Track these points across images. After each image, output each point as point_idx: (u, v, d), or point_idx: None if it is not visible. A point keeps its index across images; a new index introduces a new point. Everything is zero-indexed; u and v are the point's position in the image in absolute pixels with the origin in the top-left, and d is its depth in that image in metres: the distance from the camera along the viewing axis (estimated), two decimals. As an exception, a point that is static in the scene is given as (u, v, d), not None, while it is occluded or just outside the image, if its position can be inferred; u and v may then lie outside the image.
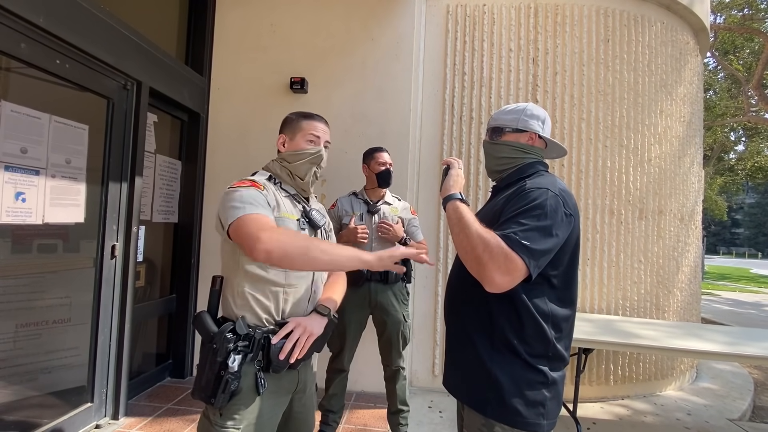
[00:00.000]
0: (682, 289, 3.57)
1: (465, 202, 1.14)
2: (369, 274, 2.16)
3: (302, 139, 1.26)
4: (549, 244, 1.00)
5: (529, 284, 1.03)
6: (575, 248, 1.11)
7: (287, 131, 1.29)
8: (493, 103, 3.21)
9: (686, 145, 3.66)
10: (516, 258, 0.96)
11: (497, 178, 1.30)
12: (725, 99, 12.71)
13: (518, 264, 0.97)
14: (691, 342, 2.43)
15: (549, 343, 1.06)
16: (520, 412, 1.04)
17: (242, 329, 1.07)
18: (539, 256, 0.99)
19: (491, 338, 1.08)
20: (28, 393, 2.00)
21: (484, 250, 0.99)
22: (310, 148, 1.26)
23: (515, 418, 1.04)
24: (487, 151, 1.30)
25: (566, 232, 1.04)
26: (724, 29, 11.00)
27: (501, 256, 0.97)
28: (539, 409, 1.05)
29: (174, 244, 3.10)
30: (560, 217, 1.03)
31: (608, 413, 2.94)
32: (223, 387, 1.02)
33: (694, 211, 3.80)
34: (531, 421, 1.04)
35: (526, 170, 1.20)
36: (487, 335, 1.09)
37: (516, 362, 1.06)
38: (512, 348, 1.06)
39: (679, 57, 3.57)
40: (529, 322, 1.05)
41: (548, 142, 1.25)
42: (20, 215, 1.86)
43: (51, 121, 1.99)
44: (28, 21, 1.75)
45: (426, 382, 3.16)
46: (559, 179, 1.16)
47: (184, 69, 2.94)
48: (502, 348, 1.07)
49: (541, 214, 1.02)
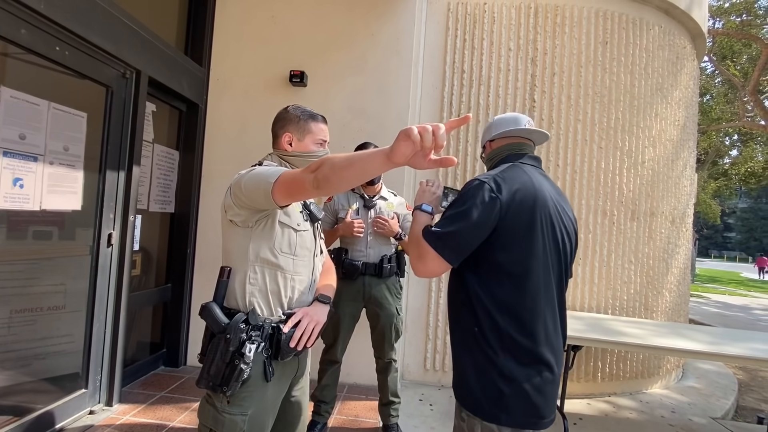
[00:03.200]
0: (671, 290, 3.64)
1: (427, 212, 1.24)
2: (364, 267, 2.19)
3: (311, 142, 1.28)
4: (455, 226, 1.06)
5: (479, 271, 1.09)
6: (532, 235, 1.09)
7: (294, 131, 1.27)
8: (491, 101, 3.24)
9: (680, 149, 3.71)
10: (424, 244, 1.08)
11: None
12: (721, 104, 12.80)
13: (426, 248, 1.08)
14: (675, 341, 2.48)
15: (503, 333, 1.06)
16: (478, 400, 1.08)
17: (255, 320, 1.11)
18: (447, 238, 1.07)
19: (459, 327, 1.15)
20: (23, 378, 2.02)
21: (409, 243, 1.18)
22: (319, 151, 1.29)
23: (474, 406, 1.09)
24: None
25: (486, 214, 1.06)
26: (722, 34, 11.07)
27: (414, 244, 1.13)
28: (497, 401, 1.06)
29: (170, 233, 3.11)
30: (479, 201, 1.07)
31: (594, 409, 3.00)
32: (236, 376, 1.05)
33: (686, 214, 3.86)
34: (488, 411, 1.06)
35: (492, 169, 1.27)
36: (457, 324, 1.16)
37: (476, 351, 1.09)
38: (474, 336, 1.10)
39: (676, 61, 3.61)
40: (481, 312, 1.08)
41: (507, 136, 1.30)
42: (18, 201, 1.86)
43: (50, 108, 2.00)
44: (28, 7, 1.75)
45: (417, 375, 3.21)
46: (515, 169, 1.18)
47: (183, 59, 2.93)
48: (467, 337, 1.12)
49: (459, 202, 1.10)
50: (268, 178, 1.03)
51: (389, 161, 0.79)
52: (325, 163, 0.90)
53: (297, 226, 1.20)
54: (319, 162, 0.92)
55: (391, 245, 2.29)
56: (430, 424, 2.58)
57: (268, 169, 1.08)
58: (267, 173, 1.05)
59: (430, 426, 2.55)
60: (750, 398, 3.85)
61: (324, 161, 0.91)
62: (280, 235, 1.16)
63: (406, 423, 2.51)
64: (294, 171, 1.01)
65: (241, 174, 1.13)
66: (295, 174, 0.99)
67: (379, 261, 2.21)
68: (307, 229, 1.24)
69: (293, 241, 1.19)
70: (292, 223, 1.19)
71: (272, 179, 1.02)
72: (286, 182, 1.00)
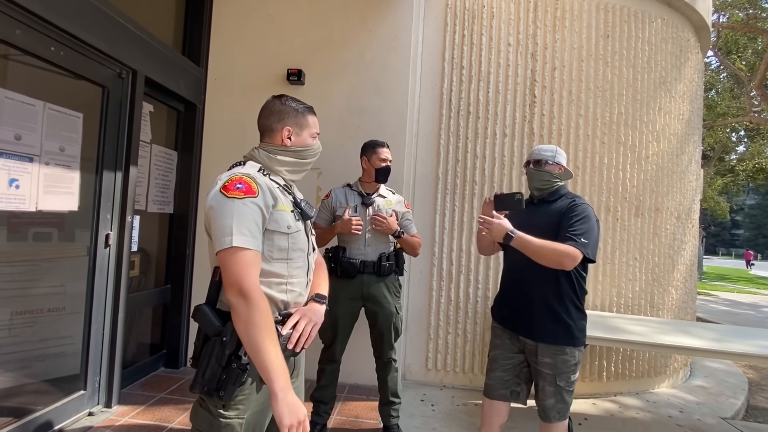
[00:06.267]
0: (678, 288, 3.57)
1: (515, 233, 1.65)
2: (362, 266, 2.17)
3: (308, 135, 1.26)
4: (594, 236, 1.66)
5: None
6: None
7: (293, 124, 1.23)
8: (491, 97, 3.20)
9: (685, 143, 3.65)
10: (574, 251, 1.60)
11: (539, 194, 1.85)
12: (727, 99, 12.66)
13: (576, 253, 1.60)
14: (682, 339, 2.43)
15: (584, 292, 1.78)
16: (578, 338, 1.74)
17: None
18: (594, 246, 1.66)
19: (560, 290, 1.72)
20: (22, 380, 2.01)
21: (547, 252, 1.62)
22: (315, 144, 1.28)
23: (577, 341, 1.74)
24: (533, 175, 1.84)
25: (598, 225, 1.74)
26: (726, 28, 10.94)
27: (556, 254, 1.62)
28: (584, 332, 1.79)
29: (169, 234, 3.10)
30: (594, 216, 1.71)
31: (600, 409, 2.95)
32: (234, 379, 1.03)
33: (692, 210, 3.79)
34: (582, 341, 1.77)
35: (561, 190, 1.83)
36: (558, 288, 1.72)
37: (573, 305, 1.73)
38: (571, 300, 1.73)
39: (680, 54, 3.55)
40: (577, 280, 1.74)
41: (566, 171, 1.86)
42: (13, 202, 1.86)
43: (45, 109, 1.99)
44: (23, 7, 1.74)
45: (419, 375, 3.17)
46: None
47: (180, 59, 2.93)
48: (566, 296, 1.72)
49: (587, 217, 1.68)
50: (221, 239, 1.03)
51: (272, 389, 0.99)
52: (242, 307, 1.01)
53: (287, 229, 1.15)
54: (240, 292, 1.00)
55: (389, 243, 2.26)
56: (431, 424, 2.54)
57: (224, 227, 1.03)
58: (223, 231, 1.03)
59: (432, 427, 2.51)
60: (761, 398, 3.77)
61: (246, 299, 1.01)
62: (269, 242, 1.12)
63: (407, 423, 2.48)
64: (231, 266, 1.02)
65: (219, 195, 1.07)
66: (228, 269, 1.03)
67: (378, 259, 2.18)
68: (299, 230, 1.20)
69: (285, 244, 1.15)
70: (281, 227, 1.14)
71: (221, 245, 1.03)
72: (222, 262, 1.04)
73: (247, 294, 1.00)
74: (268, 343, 1.00)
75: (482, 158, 3.19)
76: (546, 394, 1.74)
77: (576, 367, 1.75)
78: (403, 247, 2.28)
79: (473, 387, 3.09)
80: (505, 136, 3.19)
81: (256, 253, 1.06)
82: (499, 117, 3.20)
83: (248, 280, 1.01)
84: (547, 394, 1.73)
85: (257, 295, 1.02)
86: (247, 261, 1.03)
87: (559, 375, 1.72)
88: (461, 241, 3.17)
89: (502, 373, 1.84)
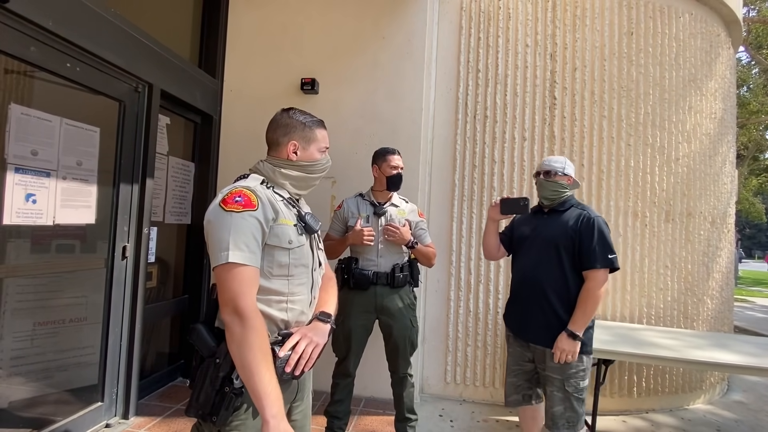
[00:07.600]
0: (713, 297, 3.36)
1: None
2: (375, 277, 2.10)
3: (316, 150, 1.22)
4: (614, 250, 1.79)
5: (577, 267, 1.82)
6: None
7: (299, 138, 1.20)
8: (508, 100, 3.10)
9: (717, 143, 3.45)
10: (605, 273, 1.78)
11: (549, 204, 1.90)
12: (761, 95, 12.04)
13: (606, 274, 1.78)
14: (717, 353, 2.26)
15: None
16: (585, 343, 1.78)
17: None
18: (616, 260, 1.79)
19: (569, 295, 1.77)
20: (42, 390, 2.03)
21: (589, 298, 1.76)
22: (323, 159, 1.24)
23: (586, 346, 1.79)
24: (543, 185, 1.89)
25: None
26: (757, 22, 10.44)
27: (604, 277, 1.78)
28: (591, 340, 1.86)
29: (187, 245, 3.12)
30: (605, 225, 1.81)
31: (630, 428, 2.78)
32: (227, 404, 0.98)
33: (727, 213, 3.58)
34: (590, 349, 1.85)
35: (570, 200, 1.89)
36: (567, 294, 1.78)
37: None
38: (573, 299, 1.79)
39: (710, 50, 3.37)
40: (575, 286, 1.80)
41: (575, 182, 1.92)
42: (31, 216, 1.89)
43: (62, 124, 2.02)
44: (37, 24, 1.77)
45: (437, 389, 3.07)
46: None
47: (196, 71, 2.95)
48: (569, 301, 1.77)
49: (606, 232, 1.79)
50: (218, 254, 0.99)
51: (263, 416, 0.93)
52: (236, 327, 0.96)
53: (289, 244, 1.09)
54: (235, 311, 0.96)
55: (403, 254, 2.19)
56: (450, 441, 2.45)
57: (220, 241, 0.99)
58: (219, 246, 0.99)
59: (451, 444, 2.42)
60: (808, 415, 3.49)
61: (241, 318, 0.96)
62: (269, 258, 1.07)
63: (425, 440, 2.39)
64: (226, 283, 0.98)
65: (210, 216, 1.04)
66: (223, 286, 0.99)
67: (391, 270, 2.12)
68: (302, 244, 1.14)
69: (286, 260, 1.09)
70: (282, 242, 1.08)
71: (217, 260, 0.99)
72: (218, 278, 1.00)
73: (243, 313, 0.95)
74: (261, 366, 0.94)
75: (500, 163, 3.09)
76: (555, 401, 1.73)
77: (585, 373, 1.74)
78: (418, 257, 2.21)
79: (494, 402, 2.97)
80: (524, 140, 3.09)
81: (254, 270, 1.01)
82: (517, 120, 3.10)
83: (244, 299, 0.97)
84: (556, 400, 1.72)
85: (253, 315, 0.97)
86: (243, 278, 0.98)
87: (567, 380, 1.70)
88: (479, 249, 3.07)
89: (513, 378, 1.92)
